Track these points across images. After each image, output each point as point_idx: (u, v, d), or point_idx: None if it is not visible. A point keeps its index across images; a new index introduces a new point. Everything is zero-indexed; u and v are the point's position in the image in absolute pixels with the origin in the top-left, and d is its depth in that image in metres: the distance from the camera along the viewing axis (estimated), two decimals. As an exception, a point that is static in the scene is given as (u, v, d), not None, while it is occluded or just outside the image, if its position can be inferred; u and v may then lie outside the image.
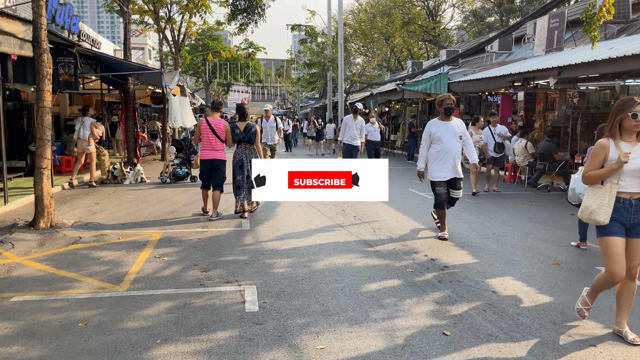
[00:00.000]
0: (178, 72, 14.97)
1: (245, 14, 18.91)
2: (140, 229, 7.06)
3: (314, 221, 7.71)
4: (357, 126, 11.20)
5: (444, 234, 6.69)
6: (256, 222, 7.60)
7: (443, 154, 6.56)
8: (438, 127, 6.65)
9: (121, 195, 9.98)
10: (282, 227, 7.25)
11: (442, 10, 41.08)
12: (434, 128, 6.65)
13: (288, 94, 59.24)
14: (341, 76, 27.11)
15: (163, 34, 19.38)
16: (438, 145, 6.59)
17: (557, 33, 16.23)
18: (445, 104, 6.61)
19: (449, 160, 6.55)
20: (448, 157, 6.55)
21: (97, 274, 5.10)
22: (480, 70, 17.68)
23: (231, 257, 5.73)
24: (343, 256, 5.78)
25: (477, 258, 5.78)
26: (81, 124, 10.92)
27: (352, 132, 11.17)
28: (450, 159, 6.55)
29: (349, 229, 7.19)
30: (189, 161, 12.04)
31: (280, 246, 6.19)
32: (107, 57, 10.97)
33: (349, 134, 11.19)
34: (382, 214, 8.28)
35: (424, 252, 5.99)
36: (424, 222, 7.66)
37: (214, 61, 38.87)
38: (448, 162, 6.55)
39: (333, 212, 8.36)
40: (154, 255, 5.76)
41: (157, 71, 10.57)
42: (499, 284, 4.90)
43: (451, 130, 6.61)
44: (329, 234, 6.84)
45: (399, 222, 7.63)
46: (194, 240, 6.44)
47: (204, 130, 7.73)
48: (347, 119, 11.38)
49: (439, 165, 6.59)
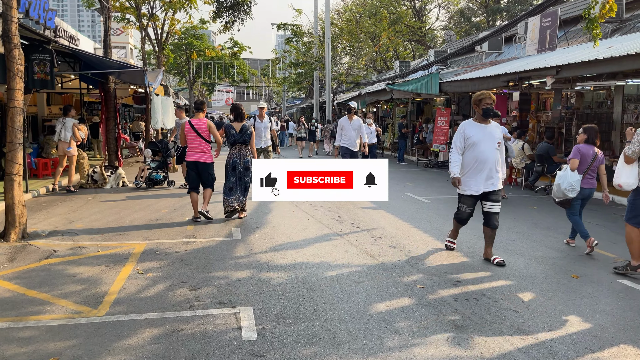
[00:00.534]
0: (161, 71, 14.35)
1: (231, 12, 18.33)
2: (122, 240, 6.50)
3: (309, 229, 7.22)
4: (354, 128, 10.24)
5: (452, 242, 6.15)
6: (248, 230, 7.09)
7: (478, 163, 5.52)
8: (474, 130, 5.57)
9: (101, 201, 9.37)
10: (276, 237, 6.75)
11: (429, 10, 40.96)
12: (469, 131, 5.58)
13: (274, 93, 58.61)
14: (328, 75, 26.66)
15: (145, 31, 18.71)
16: (472, 151, 5.54)
17: (550, 32, 15.99)
18: (484, 103, 5.51)
19: (484, 171, 5.53)
20: (483, 167, 5.52)
21: (73, 295, 4.55)
22: (472, 69, 17.37)
23: (222, 272, 5.21)
24: (345, 270, 5.30)
25: (489, 271, 5.35)
26: (62, 125, 10.28)
27: (350, 135, 10.19)
28: (485, 169, 5.52)
29: (348, 237, 6.72)
30: (166, 164, 11.41)
31: (276, 259, 5.69)
32: (86, 54, 10.35)
33: (346, 138, 10.22)
34: (380, 220, 7.83)
35: (432, 264, 5.55)
36: (426, 229, 7.22)
37: (198, 60, 38.10)
38: (483, 173, 5.54)
39: (329, 219, 7.89)
40: (137, 271, 5.22)
41: (140, 69, 9.98)
42: (519, 301, 4.47)
43: (489, 135, 5.54)
44: (327, 244, 6.36)
45: (399, 230, 7.18)
46: (181, 253, 5.91)
47: (188, 132, 7.51)
48: (342, 121, 10.38)
49: (472, 176, 5.59)
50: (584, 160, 6.08)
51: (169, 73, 39.63)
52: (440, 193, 10.78)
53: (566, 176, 6.05)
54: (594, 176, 6.18)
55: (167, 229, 7.12)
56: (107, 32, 11.37)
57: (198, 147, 7.48)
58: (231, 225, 7.39)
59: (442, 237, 6.73)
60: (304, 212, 8.46)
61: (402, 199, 9.88)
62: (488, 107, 5.49)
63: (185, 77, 40.69)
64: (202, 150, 7.50)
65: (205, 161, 7.53)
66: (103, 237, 6.62)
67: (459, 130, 5.66)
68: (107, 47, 11.49)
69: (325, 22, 26.04)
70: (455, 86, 15.81)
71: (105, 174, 11.17)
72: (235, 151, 7.62)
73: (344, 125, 10.29)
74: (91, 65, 11.39)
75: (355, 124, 10.25)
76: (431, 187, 11.66)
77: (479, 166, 5.53)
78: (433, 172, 15.25)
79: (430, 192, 10.93)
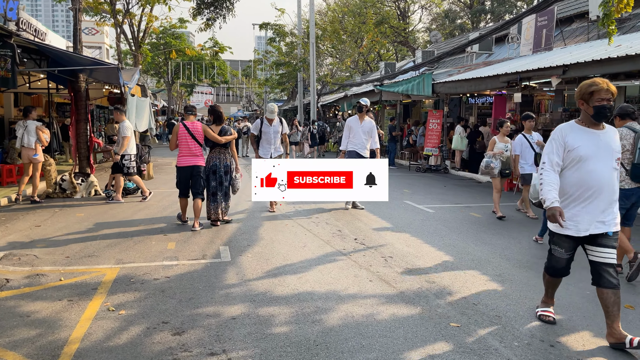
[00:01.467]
0: (138, 70, 13.31)
1: (212, 8, 17.33)
2: (91, 264, 5.53)
3: (308, 247, 6.35)
4: (366, 130, 8.74)
5: (549, 313, 4.09)
6: (238, 249, 6.18)
7: (587, 189, 3.69)
8: (580, 138, 3.73)
9: (69, 214, 8.34)
10: (272, 257, 5.85)
11: (412, 12, 40.49)
12: (573, 139, 3.73)
13: (255, 95, 57.52)
14: (313, 76, 25.81)
15: (121, 28, 17.61)
16: (578, 169, 3.71)
17: (546, 32, 15.43)
18: (598, 98, 3.66)
19: (596, 200, 3.68)
20: (596, 195, 3.68)
21: (24, 344, 3.60)
22: (465, 70, 16.72)
23: (212, 307, 4.31)
24: (360, 302, 4.44)
25: (526, 299, 4.55)
26: (24, 128, 9.22)
27: (359, 138, 8.70)
28: (600, 198, 3.68)
29: (355, 257, 5.87)
30: (139, 172, 10.40)
31: (275, 288, 4.80)
32: (54, 49, 9.30)
33: (354, 141, 8.73)
34: (386, 235, 7.00)
35: (460, 292, 4.73)
36: (439, 246, 6.41)
37: (177, 61, 36.90)
38: (595, 204, 3.69)
39: (328, 234, 7.02)
40: (106, 307, 4.28)
41: (113, 66, 8.99)
42: (579, 345, 3.67)
43: (605, 145, 3.71)
44: (332, 267, 5.50)
45: (410, 247, 6.36)
46: (161, 280, 4.98)
47: (181, 136, 7.27)
48: (351, 121, 8.87)
49: (577, 207, 3.74)
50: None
51: (147, 74, 38.30)
52: (442, 201, 10.02)
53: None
54: None
55: (144, 248, 6.16)
56: (78, 25, 10.32)
57: (191, 152, 7.27)
58: (218, 243, 6.47)
59: (459, 256, 5.93)
60: (299, 225, 7.58)
61: (404, 209, 9.07)
62: (604, 105, 3.64)
63: (163, 78, 39.42)
64: (195, 154, 7.29)
65: (199, 164, 7.33)
66: (68, 260, 5.64)
67: (556, 137, 3.81)
68: (77, 41, 10.43)
69: (309, 21, 25.22)
70: (449, 87, 15.13)
71: (75, 182, 10.12)
72: (214, 154, 7.39)
73: (352, 126, 8.80)
74: (60, 62, 10.33)
75: (367, 126, 8.75)
76: (430, 194, 10.90)
77: (588, 193, 3.69)
78: (427, 177, 14.52)
79: (431, 200, 10.16)
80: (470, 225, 7.77)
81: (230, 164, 7.42)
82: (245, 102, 67.31)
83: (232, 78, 49.63)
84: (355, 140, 8.74)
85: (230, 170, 7.40)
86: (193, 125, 7.33)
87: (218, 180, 7.35)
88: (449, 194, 11.02)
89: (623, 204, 5.01)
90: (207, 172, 7.39)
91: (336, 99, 27.64)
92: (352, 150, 8.75)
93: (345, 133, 8.86)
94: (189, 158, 7.28)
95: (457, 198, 10.47)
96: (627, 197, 5.09)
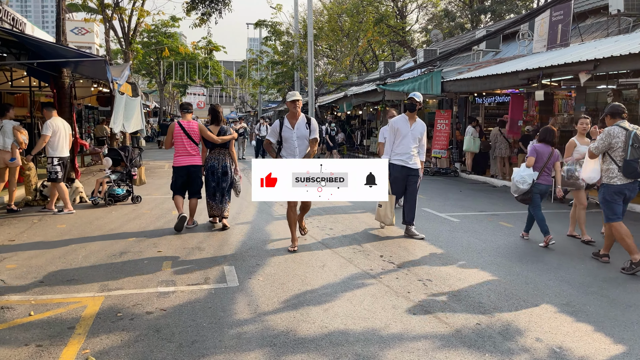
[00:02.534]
0: (128, 66, 12.30)
1: (208, 2, 16.35)
2: (69, 291, 4.55)
3: (328, 266, 5.40)
4: (416, 135, 6.63)
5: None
6: (246, 269, 5.23)
7: None
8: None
9: (49, 225, 7.34)
10: (287, 281, 4.90)
11: (410, 11, 39.71)
12: None
13: (250, 95, 56.47)
14: (311, 75, 24.87)
15: (110, 24, 16.58)
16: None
17: (562, 27, 14.60)
18: None
19: None
20: None
21: (-32, 420, 2.63)
22: (476, 68, 15.87)
23: (222, 354, 3.36)
24: (409, 347, 3.51)
25: (619, 341, 3.64)
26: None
27: (407, 146, 6.60)
28: None
29: (386, 280, 4.93)
30: (130, 176, 9.38)
31: (299, 325, 3.85)
32: (34, 40, 8.29)
33: (401, 150, 6.62)
34: (414, 250, 6.08)
35: (530, 330, 3.80)
36: (482, 265, 5.50)
37: (170, 60, 35.81)
38: None
39: (348, 249, 6.08)
40: (84, 356, 3.31)
41: (100, 59, 8.00)
42: None
43: None
44: (362, 294, 4.56)
45: (448, 266, 5.43)
46: (155, 314, 4.02)
47: (177, 135, 7.02)
48: (397, 122, 6.67)
49: None
50: (539, 158, 6.45)
51: (138, 73, 37.18)
52: (463, 208, 9.11)
53: (519, 171, 6.52)
54: (550, 173, 6.53)
55: (135, 269, 5.19)
56: (61, 15, 9.30)
57: (187, 151, 7.03)
58: (222, 260, 5.51)
59: (509, 278, 5.02)
60: (312, 238, 6.64)
61: (425, 218, 8.16)
62: None
63: (155, 78, 38.27)
64: (191, 154, 7.06)
65: (196, 164, 7.11)
66: (42, 287, 4.66)
67: None
68: (60, 32, 9.41)
69: (307, 18, 24.29)
70: (461, 85, 14.25)
71: (58, 188, 9.09)
72: (213, 155, 7.15)
73: (400, 128, 6.62)
74: (42, 55, 9.32)
75: (418, 129, 6.64)
76: (448, 201, 9.99)
77: None
78: (437, 181, 13.63)
79: (451, 207, 9.25)
80: (506, 237, 6.87)
81: (228, 165, 7.14)
82: (238, 104, 66.26)
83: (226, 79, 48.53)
84: (401, 148, 6.60)
85: (229, 171, 7.12)
86: (189, 124, 7.09)
87: (216, 181, 7.09)
88: (468, 200, 10.12)
89: (617, 198, 5.37)
90: (206, 172, 7.15)
91: (335, 99, 26.73)
92: (398, 163, 6.62)
93: (390, 138, 6.74)
94: (185, 158, 7.06)
95: (479, 205, 9.57)
96: (621, 193, 5.38)
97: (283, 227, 7.26)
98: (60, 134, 8.27)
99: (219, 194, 7.08)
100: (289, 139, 5.92)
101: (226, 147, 7.17)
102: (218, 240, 6.47)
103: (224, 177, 7.06)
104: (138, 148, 9.64)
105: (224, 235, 6.75)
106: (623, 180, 5.32)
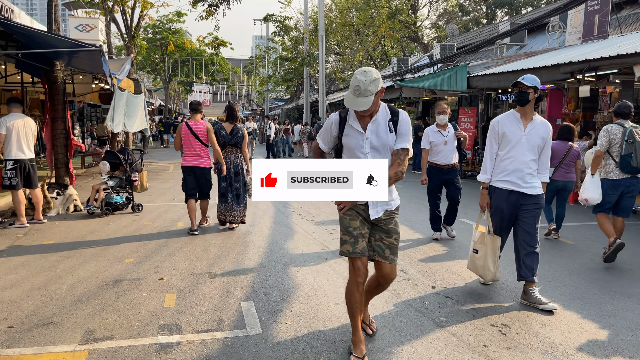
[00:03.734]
0: (130, 59, 11.26)
1: (215, -8, 15.35)
2: (44, 342, 3.51)
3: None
4: (534, 142, 4.34)
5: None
6: (268, 307, 4.17)
7: None
8: None
9: (36, 240, 6.31)
10: (325, 324, 3.84)
11: (422, 5, 38.56)
12: None
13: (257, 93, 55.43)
14: (322, 71, 23.81)
15: (111, 15, 15.57)
16: None
17: (600, 17, 13.45)
18: None
19: None
20: None
21: None
22: (504, 62, 14.74)
23: None
24: None
25: None
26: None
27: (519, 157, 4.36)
28: None
29: (450, 327, 3.85)
30: (129, 182, 8.39)
31: (351, 403, 2.79)
32: (21, 27, 7.27)
33: (510, 164, 4.42)
34: (470, 279, 5.00)
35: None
36: (562, 301, 4.41)
37: (175, 57, 34.82)
38: None
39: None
40: None
41: (95, 49, 6.98)
42: None
43: None
44: (426, 349, 3.48)
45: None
46: (154, 383, 2.97)
47: (185, 135, 6.88)
48: (502, 122, 4.48)
49: None
50: (555, 155, 6.45)
51: (142, 70, 36.24)
52: (508, 219, 8.01)
53: None
54: (568, 170, 6.61)
55: (130, 305, 4.14)
56: (53, 0, 8.27)
57: (195, 152, 6.89)
58: (238, 294, 4.46)
59: (609, 322, 3.93)
60: (343, 261, 5.57)
61: (466, 230, 7.09)
62: None
63: (160, 76, 37.31)
64: (199, 155, 6.90)
65: (204, 166, 6.94)
66: (9, 336, 3.61)
67: None
68: (52, 20, 8.38)
69: (319, 12, 23.22)
70: (490, 81, 13.13)
71: (50, 195, 8.10)
72: (225, 154, 7.01)
73: (507, 133, 4.44)
74: (32, 46, 8.31)
75: (539, 133, 4.34)
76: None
77: None
78: (465, 185, 12.50)
79: (493, 217, 8.15)
80: (572, 258, 5.78)
81: (240, 164, 6.99)
82: (245, 101, 65.27)
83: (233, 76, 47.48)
84: (510, 163, 4.42)
85: (241, 171, 6.98)
86: (197, 125, 6.90)
87: (228, 181, 6.97)
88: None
89: (612, 193, 5.58)
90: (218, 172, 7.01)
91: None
92: (505, 186, 4.43)
93: (490, 148, 4.56)
94: (193, 159, 6.92)
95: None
96: (616, 188, 5.58)
97: (304, 242, 6.21)
98: (19, 132, 7.12)
99: (231, 196, 6.95)
100: (354, 149, 3.38)
101: (238, 146, 7.00)
102: (231, 263, 5.42)
103: (235, 178, 6.95)
104: (139, 150, 8.60)
105: (237, 257, 5.70)
106: (619, 175, 5.58)
